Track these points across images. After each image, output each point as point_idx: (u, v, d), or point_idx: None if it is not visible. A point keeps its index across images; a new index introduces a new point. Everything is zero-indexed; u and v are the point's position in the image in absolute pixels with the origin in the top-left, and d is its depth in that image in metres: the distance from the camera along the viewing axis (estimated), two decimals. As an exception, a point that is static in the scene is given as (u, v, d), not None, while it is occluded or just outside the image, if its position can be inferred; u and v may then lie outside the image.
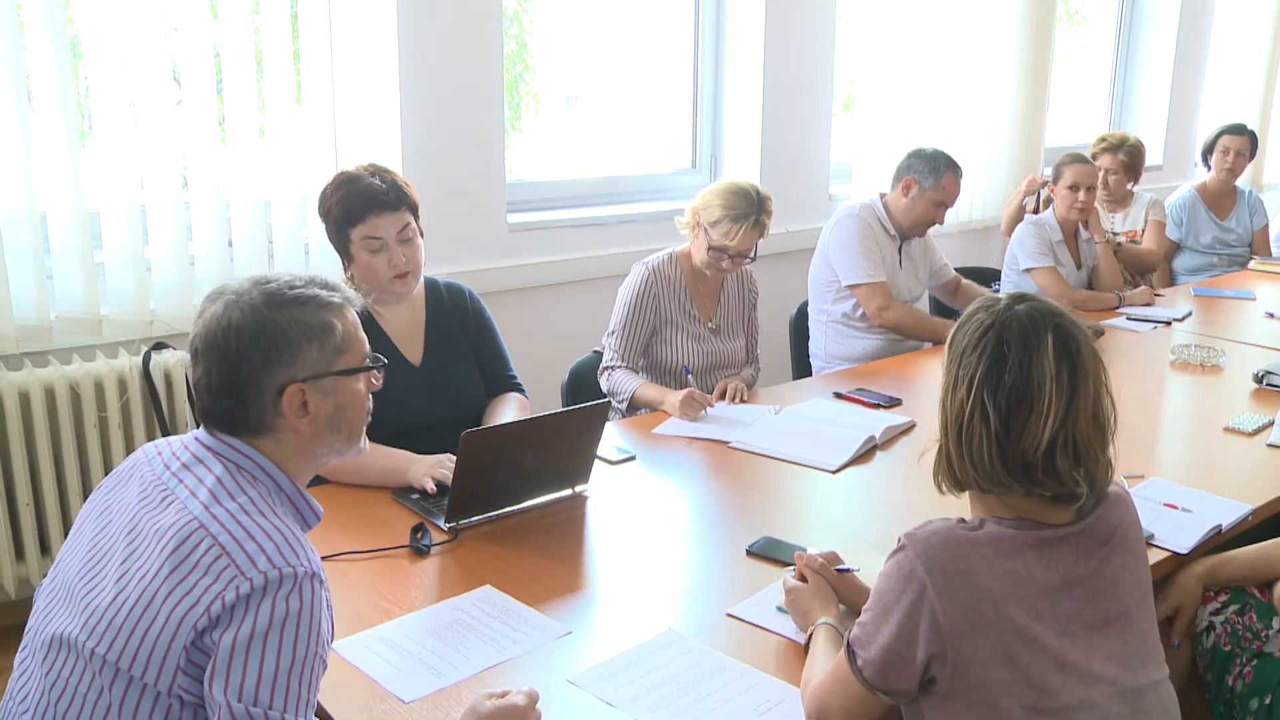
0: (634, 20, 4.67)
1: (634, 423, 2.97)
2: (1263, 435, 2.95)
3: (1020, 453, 1.55)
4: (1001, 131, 5.55)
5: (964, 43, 5.23)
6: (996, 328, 1.59)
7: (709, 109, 4.73)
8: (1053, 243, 4.49)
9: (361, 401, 1.66)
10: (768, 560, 2.16)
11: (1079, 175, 4.44)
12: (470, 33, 3.71)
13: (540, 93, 4.58)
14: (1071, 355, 1.56)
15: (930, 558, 1.52)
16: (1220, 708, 2.24)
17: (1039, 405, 1.54)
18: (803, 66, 4.69)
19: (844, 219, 3.89)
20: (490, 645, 1.84)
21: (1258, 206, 5.66)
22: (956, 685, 1.52)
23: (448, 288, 2.79)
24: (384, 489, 2.42)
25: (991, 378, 1.56)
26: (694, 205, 3.19)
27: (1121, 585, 1.61)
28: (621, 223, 4.29)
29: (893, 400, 3.14)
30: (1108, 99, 7.00)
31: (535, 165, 4.55)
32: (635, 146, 4.79)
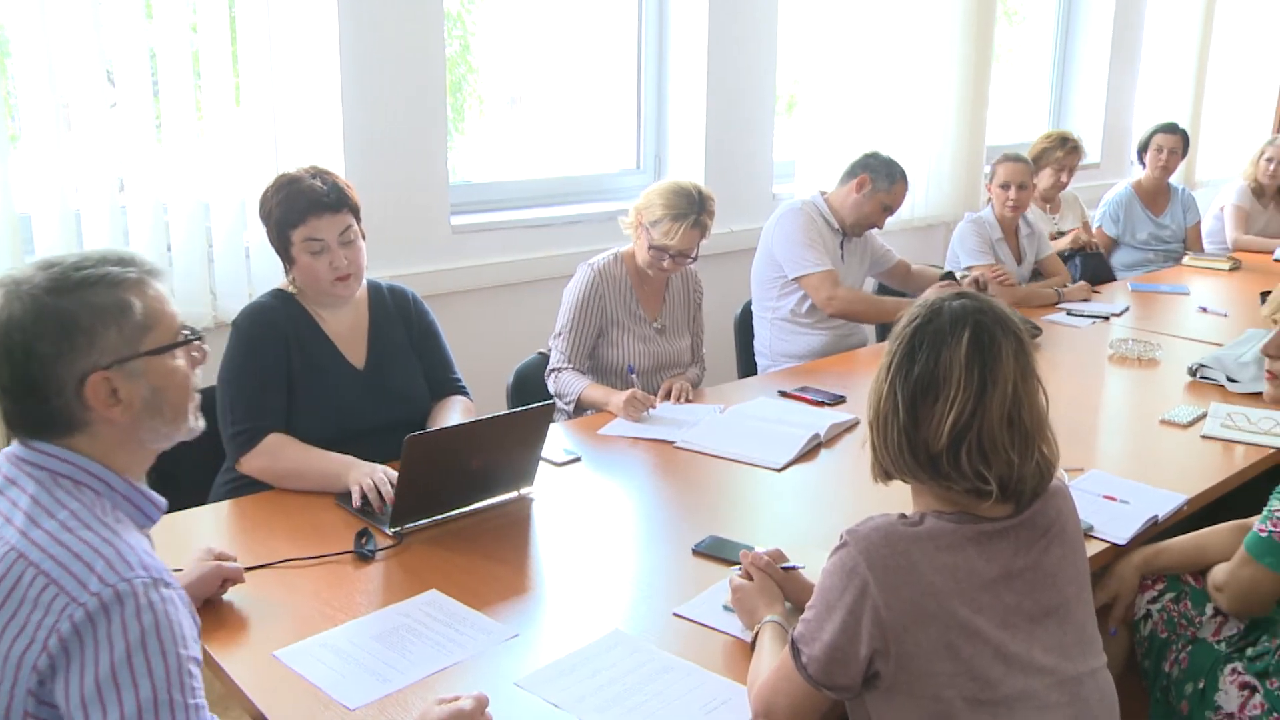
0: (578, 21, 4.66)
1: (579, 424, 2.97)
2: (1197, 427, 3.01)
3: (924, 443, 1.57)
4: (943, 130, 5.60)
5: (905, 43, 5.28)
6: (919, 321, 1.62)
7: (653, 109, 4.74)
8: (993, 240, 4.56)
9: (182, 379, 1.56)
10: (714, 559, 2.16)
11: (1010, 173, 4.51)
12: (412, 34, 3.68)
13: (484, 94, 4.56)
14: (985, 354, 1.57)
15: (871, 554, 1.53)
16: (1157, 693, 2.28)
17: (943, 398, 1.56)
18: (745, 66, 4.71)
19: (787, 213, 3.92)
20: (436, 650, 1.83)
21: (1191, 203, 5.77)
22: (900, 679, 1.53)
23: (390, 290, 2.77)
24: (327, 494, 2.40)
25: (903, 368, 1.59)
26: (637, 205, 3.20)
27: (1060, 576, 1.63)
28: (566, 224, 4.28)
29: (837, 398, 3.16)
30: (1047, 98, 7.09)
31: (479, 166, 4.53)
32: (580, 147, 4.78)
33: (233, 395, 2.49)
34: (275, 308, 2.58)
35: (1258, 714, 2.07)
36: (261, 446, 2.45)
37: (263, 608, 1.95)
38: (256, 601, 1.97)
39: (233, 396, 2.49)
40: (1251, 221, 5.97)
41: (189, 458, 2.60)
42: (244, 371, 2.51)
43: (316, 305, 2.62)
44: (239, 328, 2.55)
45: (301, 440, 2.49)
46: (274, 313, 2.57)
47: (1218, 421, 3.00)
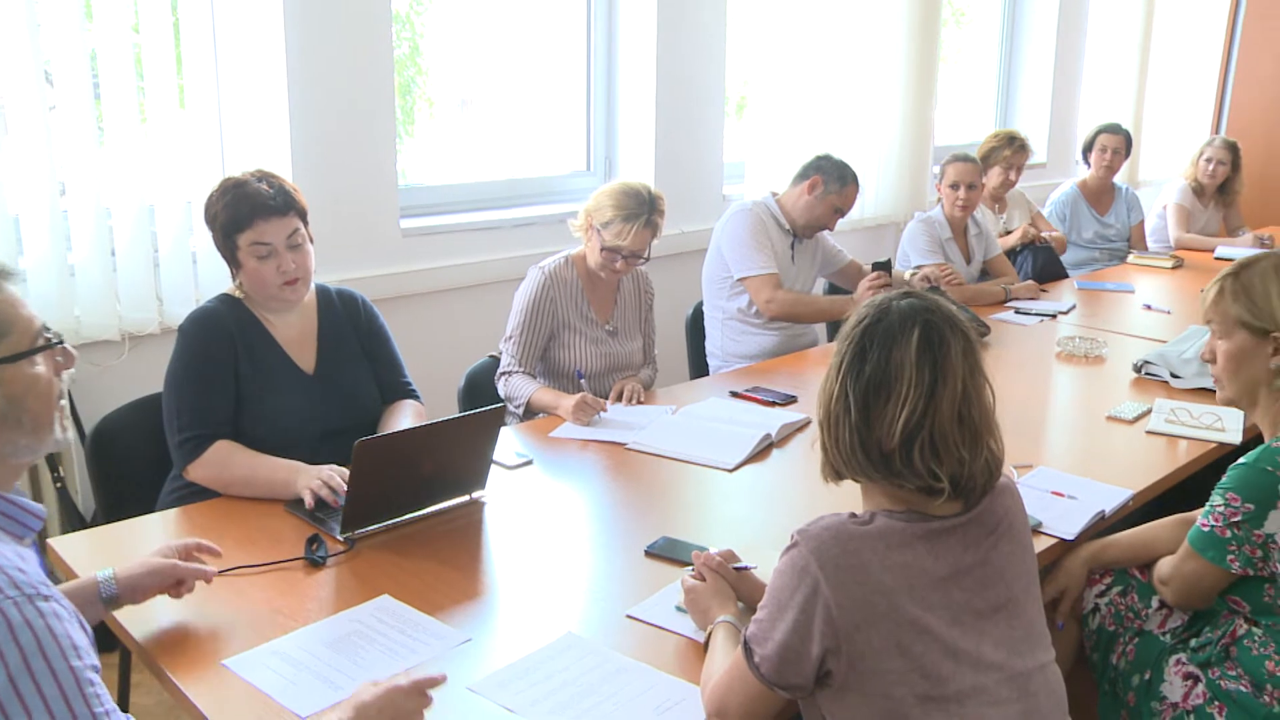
0: (527, 23, 4.65)
1: (531, 427, 2.96)
2: (1142, 423, 3.05)
3: (877, 442, 1.59)
4: (892, 131, 5.65)
5: (854, 45, 5.32)
6: (869, 321, 1.63)
7: (602, 111, 4.74)
8: (942, 240, 4.60)
9: (44, 387, 1.49)
10: (666, 560, 2.17)
11: (960, 173, 4.56)
12: (360, 36, 3.66)
13: (434, 96, 4.54)
14: (935, 352, 1.58)
15: (822, 553, 1.54)
16: (1106, 685, 2.31)
17: (895, 397, 1.57)
18: (695, 68, 4.73)
19: (737, 214, 3.93)
20: (388, 655, 1.82)
21: (1135, 203, 5.87)
22: (851, 677, 1.54)
23: (339, 294, 2.75)
24: (277, 501, 2.38)
25: (854, 367, 1.60)
26: (587, 207, 3.19)
27: (1008, 573, 1.65)
28: (516, 226, 4.27)
29: (788, 398, 3.18)
30: (994, 99, 7.17)
31: (429, 169, 4.51)
32: (530, 149, 4.77)
33: (179, 402, 2.46)
34: (222, 313, 2.55)
35: (1200, 703, 2.10)
36: (209, 454, 2.42)
37: (212, 616, 1.93)
38: (205, 610, 1.94)
39: (179, 403, 2.46)
40: (1193, 220, 6.08)
41: (136, 465, 2.61)
42: (190, 378, 2.48)
43: (264, 310, 2.59)
44: (185, 333, 2.52)
45: (250, 447, 2.47)
46: (221, 318, 2.54)
47: (1162, 417, 3.05)
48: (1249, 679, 2.06)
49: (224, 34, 3.36)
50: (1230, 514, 2.03)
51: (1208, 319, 2.26)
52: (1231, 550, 2.03)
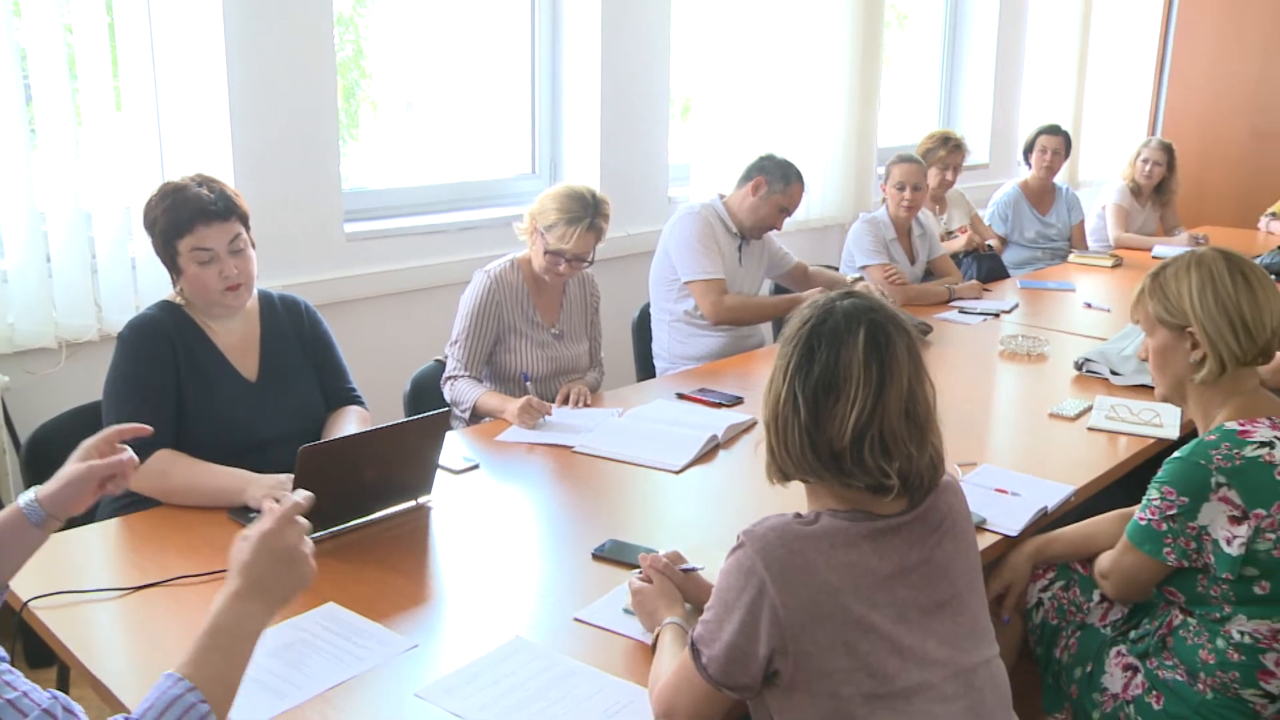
0: (472, 26, 4.63)
1: (477, 431, 2.95)
2: (1084, 419, 3.10)
3: (828, 442, 1.59)
4: (836, 133, 5.69)
5: (798, 47, 5.35)
6: (814, 321, 1.64)
7: (547, 114, 4.73)
8: (887, 240, 4.64)
9: None
10: (614, 563, 2.17)
11: (906, 174, 4.60)
12: (302, 38, 3.62)
13: (378, 99, 4.51)
14: (881, 351, 1.59)
15: (768, 553, 1.54)
16: (1049, 678, 2.35)
17: (844, 396, 1.58)
18: (640, 70, 4.73)
19: (684, 217, 3.94)
20: (334, 663, 1.80)
21: (1075, 203, 5.96)
22: (799, 677, 1.55)
23: (282, 300, 2.72)
24: (220, 509, 2.35)
25: (802, 369, 1.61)
26: (531, 210, 3.19)
27: (953, 569, 1.66)
28: (462, 230, 4.25)
29: (734, 399, 3.19)
30: (936, 100, 7.25)
31: (374, 173, 4.48)
32: (476, 152, 4.75)
33: (118, 411, 2.42)
34: (162, 319, 2.52)
35: (1139, 693, 2.14)
36: (150, 463, 2.38)
37: (153, 627, 1.91)
38: (147, 621, 1.92)
39: (118, 412, 2.42)
40: (1131, 220, 6.17)
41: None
42: (129, 386, 2.44)
43: (205, 316, 2.56)
44: (124, 341, 2.49)
45: (193, 455, 2.44)
46: (161, 324, 2.51)
47: (1102, 414, 3.10)
48: (1184, 668, 2.10)
49: (161, 34, 3.32)
50: (1166, 508, 2.07)
51: (1134, 318, 2.31)
52: (1168, 543, 2.07)
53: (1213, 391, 2.18)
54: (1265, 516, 1.99)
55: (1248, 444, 2.03)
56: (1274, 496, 2.00)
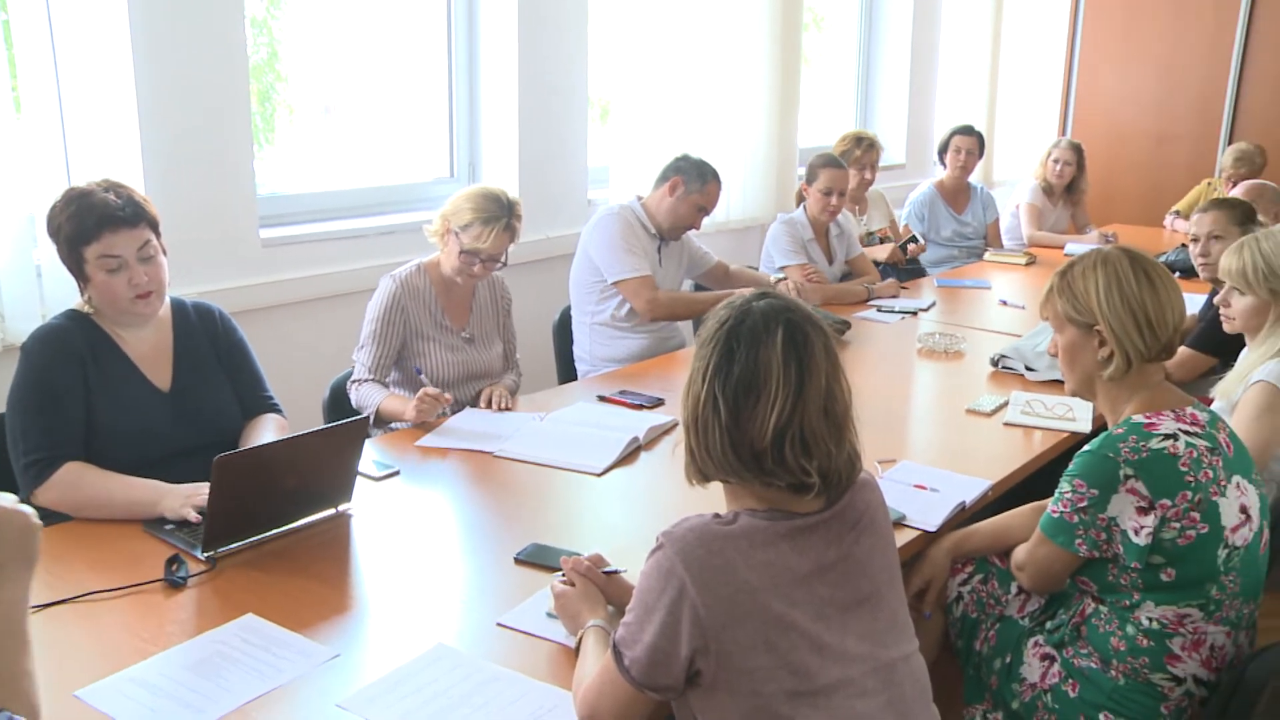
0: (389, 28, 4.59)
1: (396, 437, 2.92)
2: (1000, 415, 3.15)
3: (749, 442, 1.60)
4: (756, 134, 5.72)
5: (716, 49, 5.37)
6: (731, 323, 1.64)
7: (465, 117, 4.70)
8: (805, 241, 4.68)
9: None
10: (536, 567, 2.16)
11: (833, 180, 4.62)
12: (212, 40, 3.55)
13: (294, 103, 4.45)
14: (800, 350, 1.61)
15: (687, 554, 1.55)
16: (970, 671, 2.39)
17: (765, 396, 1.59)
18: (558, 73, 4.72)
19: (605, 218, 3.94)
20: (253, 675, 1.78)
21: (989, 202, 6.07)
22: (721, 676, 1.56)
23: (195, 308, 2.68)
24: (133, 522, 2.30)
25: (721, 370, 1.62)
26: (443, 212, 3.16)
27: (871, 566, 1.68)
28: (380, 234, 4.21)
29: (655, 400, 3.20)
30: (853, 101, 7.34)
31: (292, 177, 4.41)
32: (394, 156, 4.71)
33: (23, 423, 2.36)
34: (69, 329, 2.46)
35: (1056, 681, 2.19)
36: (57, 476, 2.33)
37: (63, 645, 1.86)
38: (57, 639, 1.87)
39: (23, 424, 2.36)
40: (1044, 218, 6.30)
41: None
42: (34, 397, 2.38)
43: (115, 325, 2.51)
44: (28, 352, 2.42)
45: (104, 468, 2.39)
46: (67, 334, 2.45)
47: (1018, 409, 3.16)
48: (1098, 655, 2.15)
49: (62, 34, 3.23)
50: (1077, 500, 2.11)
51: (1044, 316, 2.36)
52: (1079, 534, 2.11)
53: (1120, 386, 2.23)
54: (1170, 506, 2.04)
55: (1153, 436, 2.09)
56: (1178, 487, 2.05)
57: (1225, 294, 2.98)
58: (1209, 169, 7.17)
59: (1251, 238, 2.93)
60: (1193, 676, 2.09)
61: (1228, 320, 2.99)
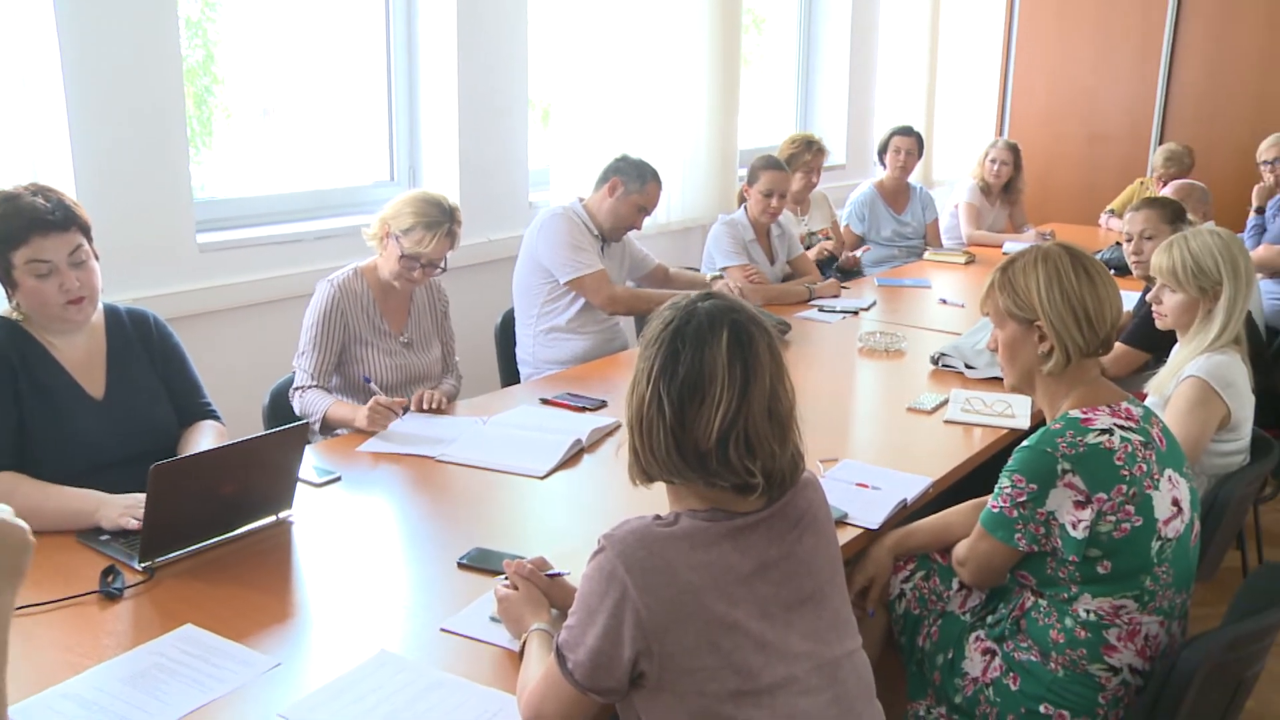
0: (327, 31, 4.54)
1: (337, 443, 2.90)
2: (940, 413, 3.19)
3: (694, 443, 1.61)
4: (696, 135, 5.74)
5: (656, 51, 5.38)
6: (676, 323, 1.65)
7: (405, 120, 4.67)
8: (746, 241, 4.70)
9: None
10: (479, 571, 2.15)
11: (775, 182, 4.64)
12: (144, 42, 3.49)
13: (232, 105, 4.39)
14: (745, 351, 1.61)
15: (628, 556, 1.55)
16: (913, 667, 2.41)
17: (710, 397, 1.59)
18: (497, 75, 4.71)
19: (550, 219, 3.94)
20: (193, 687, 1.75)
21: (929, 201, 6.12)
22: (665, 677, 1.56)
23: (129, 314, 2.63)
24: (67, 532, 2.26)
25: (667, 370, 1.62)
26: (383, 215, 3.14)
27: (813, 564, 1.69)
28: (320, 238, 4.17)
29: (599, 403, 3.19)
30: (793, 102, 7.38)
31: (230, 181, 4.35)
32: (333, 160, 4.66)
33: (-48, 432, 2.32)
34: (-3, 336, 2.41)
35: (997, 675, 2.21)
36: (-10, 486, 2.29)
37: (-5, 660, 1.82)
38: (-11, 654, 1.83)
39: (-48, 433, 2.32)
40: (982, 218, 6.37)
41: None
42: (-38, 406, 2.33)
43: (46, 332, 2.46)
44: (-44, 360, 2.37)
45: (38, 478, 2.34)
46: (-4, 341, 2.40)
47: (958, 406, 3.19)
48: (1037, 648, 2.18)
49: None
50: (1016, 495, 2.14)
51: (984, 311, 2.38)
52: (1019, 529, 2.14)
53: (1058, 382, 2.27)
54: (1106, 500, 2.08)
55: (1090, 431, 2.12)
56: (1114, 481, 2.08)
57: (1157, 291, 3.04)
58: (1140, 169, 7.31)
59: (1180, 237, 2.98)
60: (1128, 666, 2.13)
61: (1160, 317, 3.05)
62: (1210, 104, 7.29)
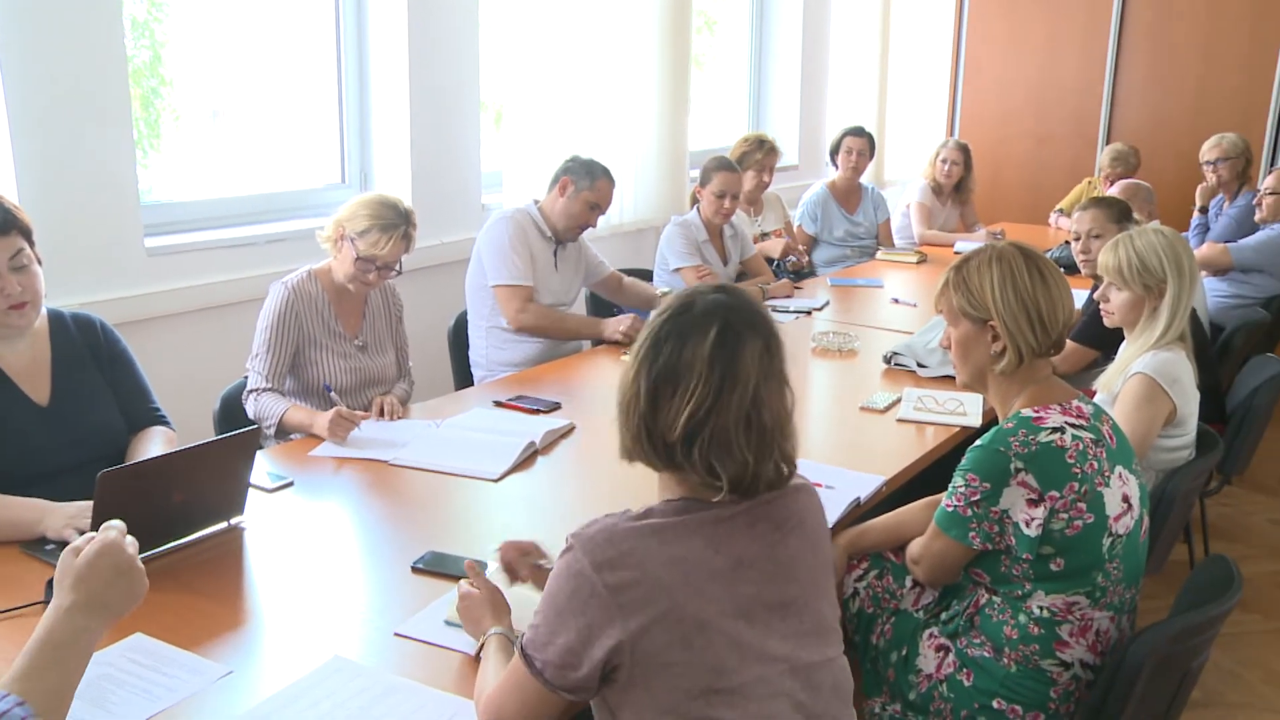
0: (277, 31, 4.50)
1: (290, 447, 2.87)
2: (893, 411, 3.21)
3: (660, 433, 1.60)
4: (648, 136, 5.74)
5: (607, 53, 5.38)
6: (670, 313, 1.64)
7: (356, 122, 4.64)
8: (699, 242, 4.70)
9: None
10: (434, 575, 2.14)
11: (728, 183, 4.65)
12: (88, 43, 3.44)
13: (180, 107, 4.33)
14: (729, 352, 1.59)
15: (596, 554, 1.55)
16: (868, 665, 2.42)
17: (681, 391, 1.58)
18: (449, 77, 4.69)
19: (497, 222, 3.92)
20: (142, 697, 1.73)
21: (880, 201, 6.16)
22: (636, 674, 1.55)
23: (75, 319, 2.59)
24: (9, 543, 2.22)
25: (649, 357, 1.62)
26: (338, 218, 3.12)
27: (796, 569, 1.67)
28: (271, 242, 4.13)
29: (552, 405, 3.18)
30: (746, 103, 7.40)
31: (179, 184, 4.30)
32: (284, 162, 4.62)
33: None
34: (-62, 344, 2.37)
35: (951, 671, 2.23)
36: (-69, 496, 2.25)
37: (-62, 672, 1.79)
38: (-69, 665, 1.80)
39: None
40: (933, 217, 6.43)
41: None
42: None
43: (-11, 338, 2.42)
44: (-104, 367, 2.33)
45: (-20, 486, 2.30)
46: (-64, 349, 2.36)
47: (910, 405, 3.21)
48: (991, 644, 2.19)
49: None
50: (970, 494, 2.15)
51: (938, 309, 2.40)
52: (973, 527, 2.16)
53: (1010, 380, 2.29)
54: (1059, 498, 2.10)
55: (1042, 430, 2.14)
56: (1066, 479, 2.10)
57: (1104, 289, 3.07)
58: (1088, 169, 7.40)
59: (1126, 235, 3.02)
60: (1080, 661, 2.15)
61: (1107, 315, 3.09)
62: (1155, 105, 7.40)
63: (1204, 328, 3.74)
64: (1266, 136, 6.97)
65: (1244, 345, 4.35)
